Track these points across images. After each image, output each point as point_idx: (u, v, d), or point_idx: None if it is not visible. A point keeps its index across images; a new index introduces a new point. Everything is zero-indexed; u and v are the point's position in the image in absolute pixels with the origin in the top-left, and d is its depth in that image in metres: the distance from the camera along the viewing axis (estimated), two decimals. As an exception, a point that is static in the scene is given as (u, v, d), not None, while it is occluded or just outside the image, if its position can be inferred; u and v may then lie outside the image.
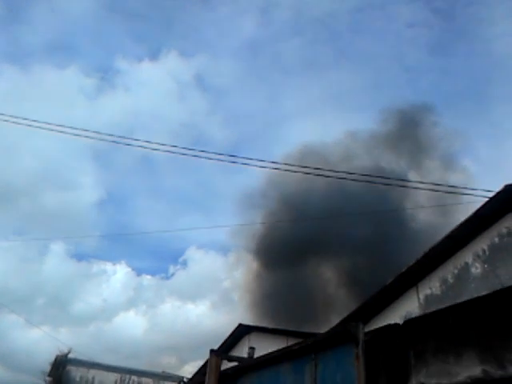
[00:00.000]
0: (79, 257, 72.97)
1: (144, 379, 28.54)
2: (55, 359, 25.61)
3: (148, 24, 63.26)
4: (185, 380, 24.41)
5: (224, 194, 62.44)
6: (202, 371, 20.18)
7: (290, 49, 60.42)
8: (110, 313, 44.98)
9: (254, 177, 69.97)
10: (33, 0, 61.59)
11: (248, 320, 26.36)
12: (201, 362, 22.78)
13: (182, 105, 60.52)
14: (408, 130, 35.40)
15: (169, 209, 63.30)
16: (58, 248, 46.61)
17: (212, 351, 6.33)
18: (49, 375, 25.43)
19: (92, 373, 27.12)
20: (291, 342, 11.16)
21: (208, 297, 50.28)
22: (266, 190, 33.82)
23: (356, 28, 61.78)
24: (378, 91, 58.53)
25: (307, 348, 5.39)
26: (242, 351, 16.22)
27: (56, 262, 47.08)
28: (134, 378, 28.30)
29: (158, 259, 69.68)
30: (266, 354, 5.98)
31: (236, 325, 19.53)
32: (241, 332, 19.34)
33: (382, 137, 35.58)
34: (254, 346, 10.44)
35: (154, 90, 57.81)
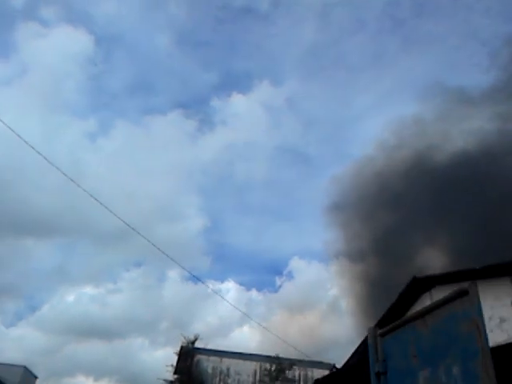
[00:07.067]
0: (195, 279, 77.31)
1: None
2: (181, 349, 21.44)
3: (216, 50, 63.70)
4: (337, 366, 19.40)
5: (306, 199, 61.37)
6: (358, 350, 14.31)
7: (353, 46, 57.39)
8: (227, 329, 45.45)
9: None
10: (110, 46, 63.69)
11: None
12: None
13: (275, 129, 60.30)
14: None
15: (258, 223, 63.96)
16: (174, 274, 49.30)
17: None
18: (175, 372, 21.24)
19: (226, 362, 22.52)
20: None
21: (316, 306, 49.48)
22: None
23: (420, 11, 57.59)
24: (455, 70, 54.52)
25: None
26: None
27: (174, 286, 50.02)
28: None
29: (257, 273, 71.58)
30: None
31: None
32: (416, 289, 12.63)
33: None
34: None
35: (247, 120, 58.99)
